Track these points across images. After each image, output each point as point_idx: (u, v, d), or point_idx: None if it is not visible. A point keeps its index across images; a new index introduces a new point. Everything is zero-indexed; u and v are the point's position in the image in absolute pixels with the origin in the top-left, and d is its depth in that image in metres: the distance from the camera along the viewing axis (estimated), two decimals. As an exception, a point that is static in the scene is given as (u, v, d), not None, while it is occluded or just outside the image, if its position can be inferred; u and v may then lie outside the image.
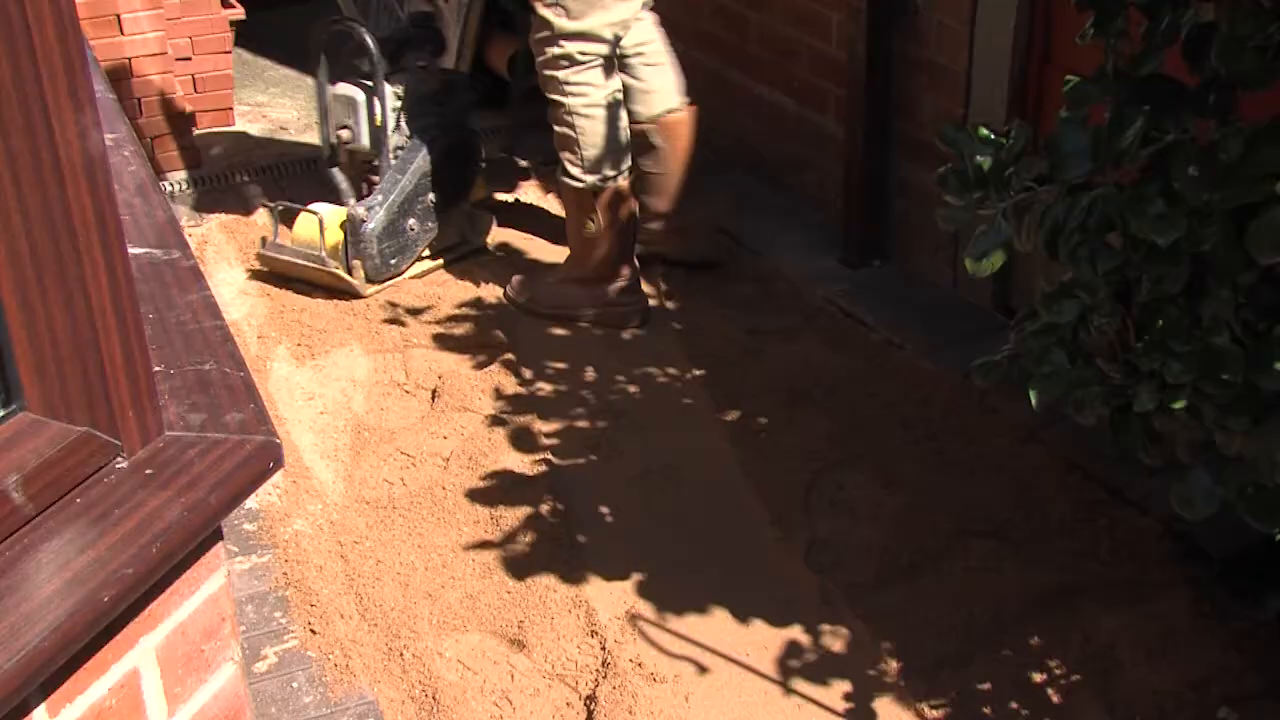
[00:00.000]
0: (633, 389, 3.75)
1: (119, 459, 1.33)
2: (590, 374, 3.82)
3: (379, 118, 4.20)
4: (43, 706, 1.21)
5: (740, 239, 4.42)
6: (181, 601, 1.37)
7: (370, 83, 4.17)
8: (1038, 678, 2.75)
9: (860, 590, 3.01)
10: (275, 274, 4.25)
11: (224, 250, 4.47)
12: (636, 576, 3.08)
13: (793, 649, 2.88)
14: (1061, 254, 2.21)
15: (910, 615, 2.92)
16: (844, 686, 2.79)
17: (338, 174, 4.28)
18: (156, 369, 1.45)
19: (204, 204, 4.75)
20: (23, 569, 1.19)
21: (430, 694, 2.74)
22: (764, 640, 2.91)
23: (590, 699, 2.74)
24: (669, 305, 4.17)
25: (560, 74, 3.82)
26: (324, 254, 4.13)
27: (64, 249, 1.25)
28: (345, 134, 4.22)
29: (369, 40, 4.13)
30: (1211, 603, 2.82)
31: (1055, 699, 2.70)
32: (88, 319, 1.29)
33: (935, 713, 2.71)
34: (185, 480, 1.32)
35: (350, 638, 2.84)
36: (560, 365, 3.84)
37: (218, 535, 1.40)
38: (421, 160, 4.23)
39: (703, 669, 2.83)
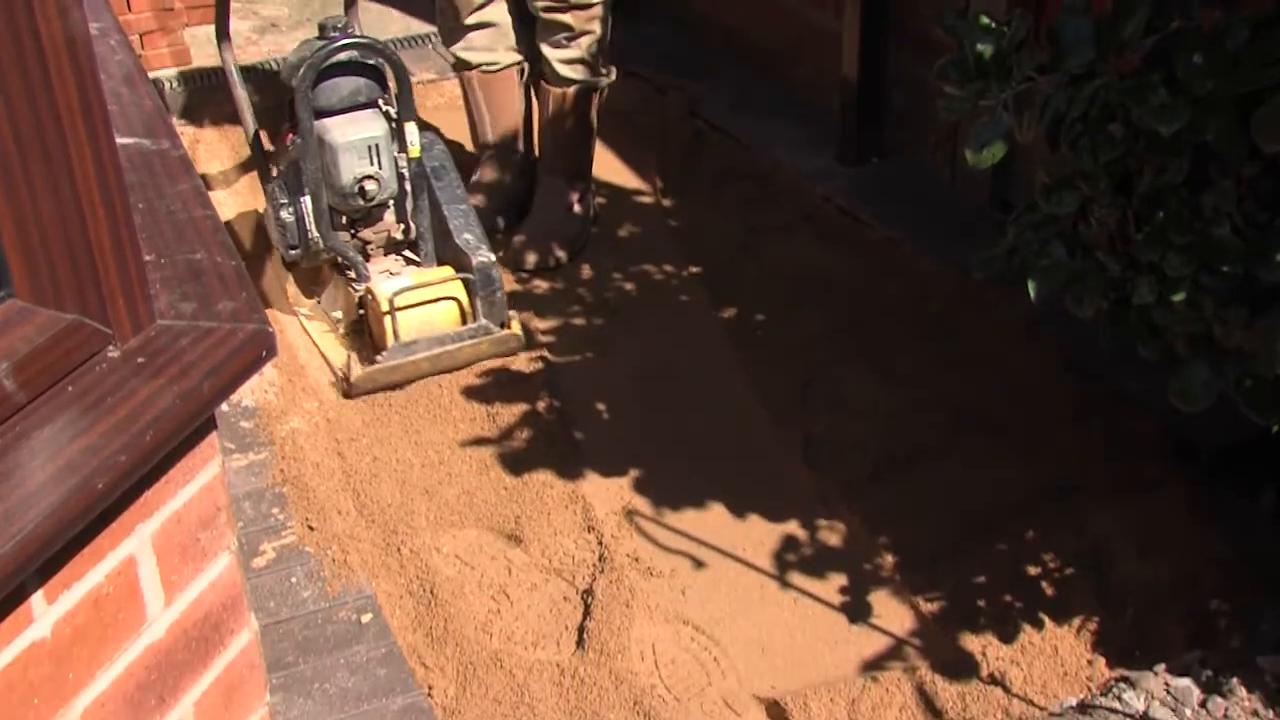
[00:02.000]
0: (629, 287, 3.73)
1: (110, 347, 1.32)
2: (587, 271, 3.80)
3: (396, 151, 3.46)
4: (40, 592, 1.21)
5: (736, 136, 4.38)
6: (176, 490, 1.37)
7: (393, 112, 3.42)
8: (1032, 571, 2.77)
9: (856, 486, 3.02)
10: (392, 387, 3.35)
11: (216, 149, 4.43)
12: (633, 472, 3.09)
13: (789, 544, 2.90)
14: (1062, 145, 2.19)
15: (906, 510, 2.94)
16: (840, 580, 2.81)
17: (346, 245, 3.48)
18: (147, 258, 1.43)
19: (195, 102, 4.70)
20: (15, 456, 1.19)
21: (428, 588, 2.76)
22: (760, 535, 2.92)
23: (587, 593, 2.76)
24: (665, 203, 4.14)
25: None
26: (484, 322, 3.39)
27: (48, 132, 1.23)
28: (372, 186, 3.39)
29: (388, 53, 3.38)
30: (1206, 498, 2.83)
31: (1049, 592, 2.72)
32: (75, 205, 1.27)
33: (931, 606, 2.73)
34: (177, 368, 1.31)
35: (348, 533, 2.86)
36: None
37: (211, 424, 1.40)
38: (454, 177, 3.63)
39: (699, 563, 2.85)
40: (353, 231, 3.51)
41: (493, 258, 3.41)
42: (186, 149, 4.51)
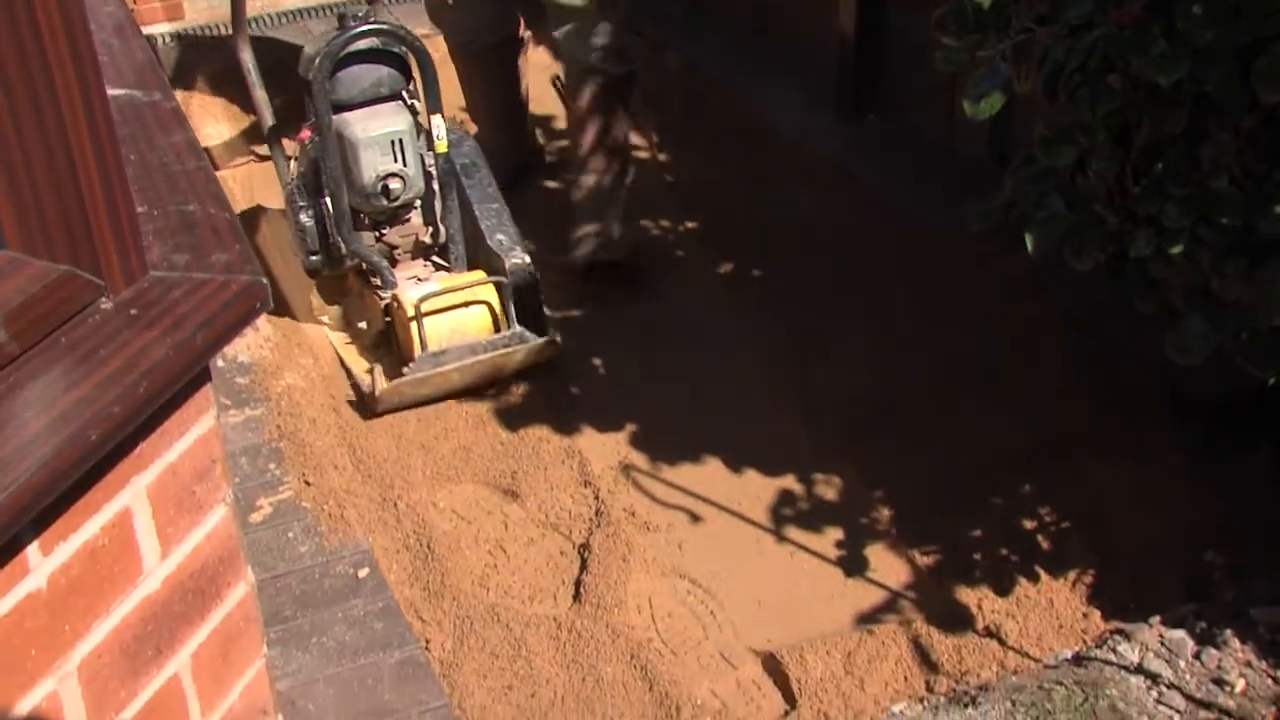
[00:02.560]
0: (626, 242, 3.72)
1: (103, 299, 1.31)
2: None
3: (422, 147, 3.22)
4: (35, 544, 1.21)
5: (733, 93, 4.35)
6: (171, 442, 1.36)
7: (415, 104, 3.24)
8: (1028, 525, 2.78)
9: (853, 440, 3.02)
10: (420, 403, 3.14)
11: (209, 105, 4.39)
12: (629, 427, 3.09)
13: (785, 498, 2.90)
14: (1061, 96, 2.17)
15: (902, 465, 2.94)
16: (836, 534, 2.82)
17: (370, 249, 3.24)
18: (139, 210, 1.42)
19: (189, 59, 4.65)
20: (9, 407, 1.18)
21: (425, 543, 2.76)
22: (757, 490, 2.93)
23: (584, 547, 2.77)
24: (662, 159, 4.13)
25: None
26: (519, 329, 3.15)
27: (38, 82, 1.21)
28: (396, 185, 3.14)
29: (412, 41, 3.15)
30: (1202, 452, 2.83)
31: (1045, 546, 2.73)
32: (66, 156, 1.26)
33: (926, 559, 2.74)
34: (171, 320, 1.30)
35: (345, 488, 2.86)
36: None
37: (206, 376, 1.39)
38: (485, 174, 3.40)
39: (695, 518, 2.86)
40: (378, 235, 3.26)
41: (528, 259, 3.19)
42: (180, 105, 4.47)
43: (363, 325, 3.34)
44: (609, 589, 2.65)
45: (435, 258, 3.35)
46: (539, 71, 4.19)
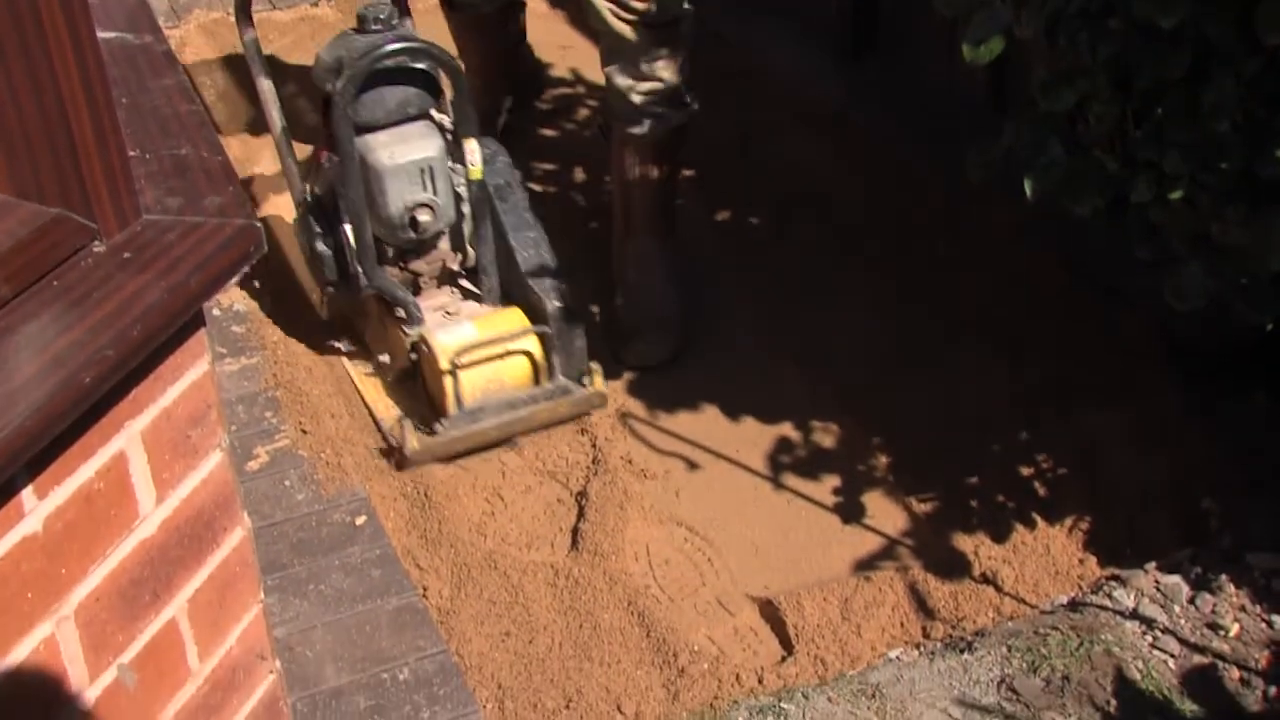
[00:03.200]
0: (622, 190, 3.70)
1: (96, 242, 1.31)
2: (580, 175, 3.77)
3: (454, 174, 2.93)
4: (30, 488, 1.21)
5: (730, 36, 4.31)
6: (166, 387, 1.36)
7: (450, 128, 2.93)
8: (1025, 471, 2.78)
9: (850, 387, 3.02)
10: (452, 458, 2.87)
11: (203, 53, 4.36)
12: (626, 375, 3.08)
13: (782, 445, 2.90)
14: (1061, 39, 2.16)
15: (899, 411, 2.94)
16: (833, 481, 2.82)
17: (394, 284, 2.94)
18: (132, 154, 1.41)
19: (181, 3, 4.62)
20: (1, 351, 1.17)
21: (422, 491, 2.76)
22: (753, 437, 2.93)
23: (581, 495, 2.77)
24: (659, 106, 4.10)
25: None
26: (563, 380, 2.89)
27: (26, 22, 1.20)
28: (426, 217, 2.86)
29: (442, 55, 2.85)
30: (1199, 398, 2.83)
31: (1042, 492, 2.73)
32: (56, 97, 1.25)
33: (923, 506, 2.74)
34: (164, 263, 1.30)
35: (341, 436, 2.85)
36: (550, 166, 3.79)
37: (200, 320, 1.38)
38: (520, 195, 3.07)
39: (693, 465, 2.86)
40: (401, 264, 2.98)
41: (569, 302, 2.89)
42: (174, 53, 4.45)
43: (384, 359, 3.06)
44: (606, 536, 2.66)
45: (464, 282, 3.07)
46: (536, 20, 4.15)
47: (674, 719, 2.30)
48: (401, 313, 2.92)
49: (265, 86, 3.07)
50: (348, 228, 2.86)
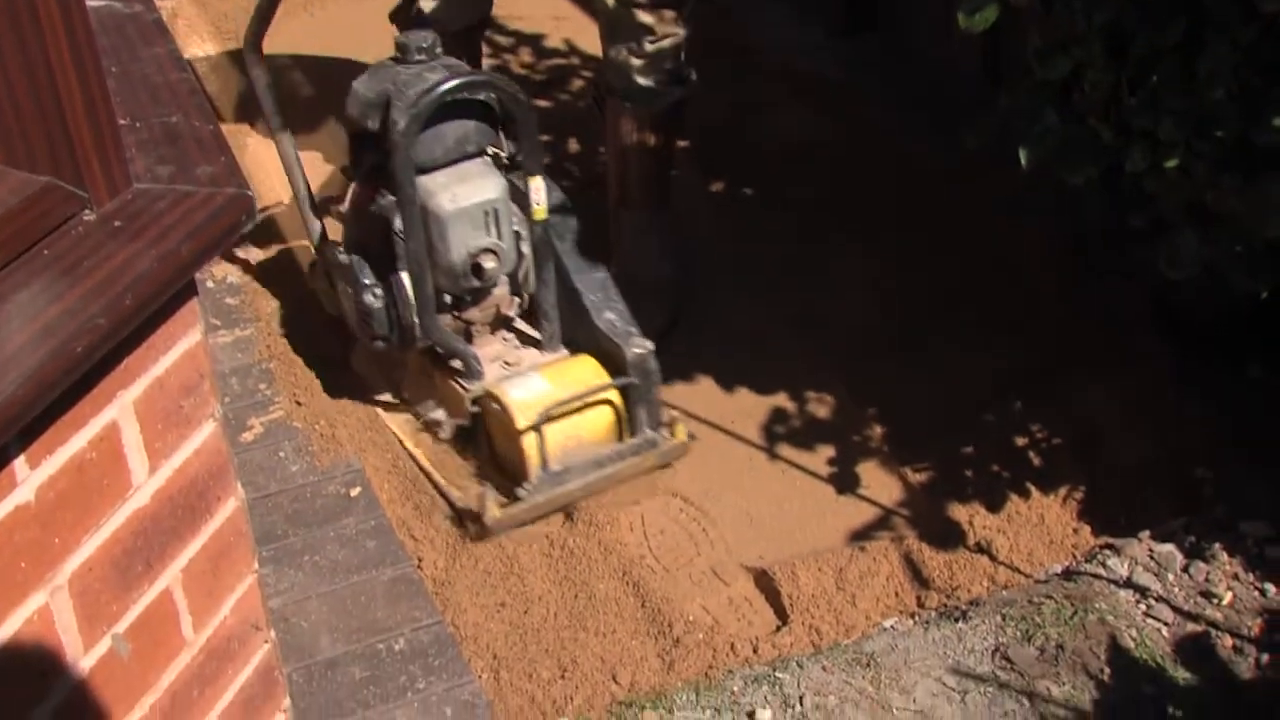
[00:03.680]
0: (616, 161, 3.69)
1: (86, 211, 1.29)
2: (574, 146, 3.76)
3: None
4: (23, 457, 1.20)
5: (724, 9, 4.30)
6: (158, 356, 1.35)
7: (503, 155, 2.73)
8: (1020, 442, 2.78)
9: (846, 360, 3.02)
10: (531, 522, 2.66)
11: (196, 24, 4.34)
12: (621, 347, 3.08)
13: (778, 416, 2.91)
14: (1056, 6, 2.15)
15: (896, 384, 2.94)
16: (828, 452, 2.82)
17: (455, 337, 2.74)
18: (122, 122, 1.40)
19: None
20: (-8, 320, 1.17)
21: (416, 461, 2.76)
22: (748, 408, 2.93)
23: (576, 466, 2.77)
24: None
25: None
26: (649, 434, 2.71)
27: (14, -12, 1.19)
28: (491, 264, 2.65)
29: (502, 86, 2.65)
30: (1193, 368, 2.83)
31: (1037, 462, 2.74)
32: (45, 65, 1.24)
33: (919, 477, 2.74)
34: (156, 232, 1.29)
35: (336, 408, 2.85)
36: (545, 136, 3.77)
37: (192, 290, 1.38)
38: (574, 225, 2.88)
39: (688, 436, 2.85)
40: (455, 313, 2.76)
41: (651, 346, 2.68)
42: (166, 25, 4.42)
43: (437, 416, 2.81)
44: (601, 507, 2.66)
45: (519, 324, 2.88)
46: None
47: (669, 689, 2.31)
48: (459, 365, 2.73)
49: (285, 140, 2.87)
50: (405, 277, 2.65)
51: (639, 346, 2.66)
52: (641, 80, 3.03)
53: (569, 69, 4.10)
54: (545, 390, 2.62)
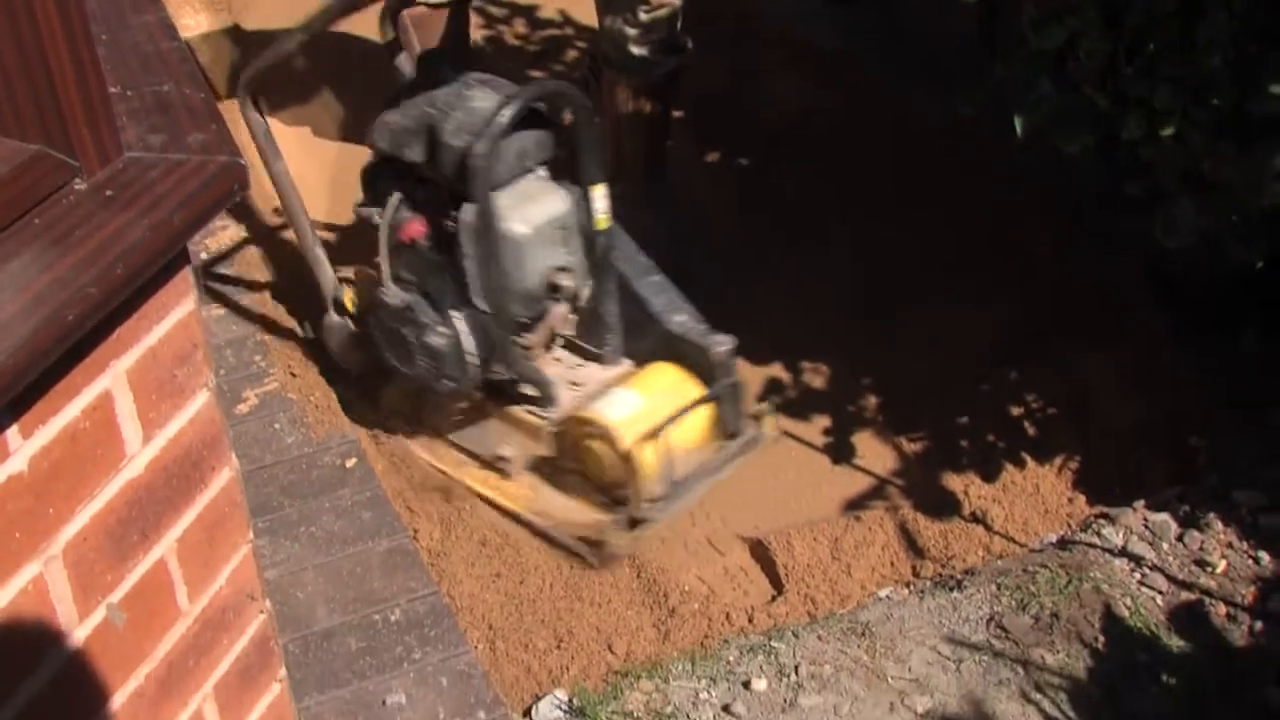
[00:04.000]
0: (611, 131, 3.67)
1: (77, 180, 1.29)
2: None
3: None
4: (15, 427, 1.20)
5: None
6: (151, 326, 1.34)
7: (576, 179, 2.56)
8: (1015, 411, 2.78)
9: (840, 328, 3.01)
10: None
11: (187, -6, 4.31)
12: (616, 317, 3.07)
13: (773, 386, 2.91)
14: (1053, -26, 2.14)
15: (890, 352, 2.94)
16: (824, 422, 2.82)
17: (535, 368, 2.60)
18: (113, 90, 1.39)
19: (163, -55, 4.55)
20: (-17, 289, 1.16)
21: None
22: (745, 379, 2.91)
23: (571, 436, 2.76)
24: (647, 46, 4.06)
25: None
26: (750, 432, 2.61)
27: (3, -46, 1.18)
28: (567, 281, 2.53)
29: (581, 98, 2.53)
30: (1188, 337, 2.83)
31: (1031, 431, 2.74)
32: (34, 33, 1.23)
33: (914, 445, 2.75)
34: (147, 201, 1.28)
35: (330, 380, 2.84)
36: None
37: (184, 259, 1.37)
38: (623, 232, 2.69)
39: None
40: (516, 338, 2.59)
41: (731, 342, 2.57)
42: (156, -8, 4.35)
43: (505, 452, 2.63)
44: (597, 478, 2.65)
45: (574, 339, 2.73)
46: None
47: (665, 658, 2.31)
48: (532, 393, 2.58)
49: (280, 170, 2.72)
50: (470, 309, 2.47)
51: (721, 345, 2.54)
52: (637, 50, 2.99)
53: (563, 40, 4.08)
54: (642, 405, 2.48)
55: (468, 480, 2.65)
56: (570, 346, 2.70)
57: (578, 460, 2.53)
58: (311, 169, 3.27)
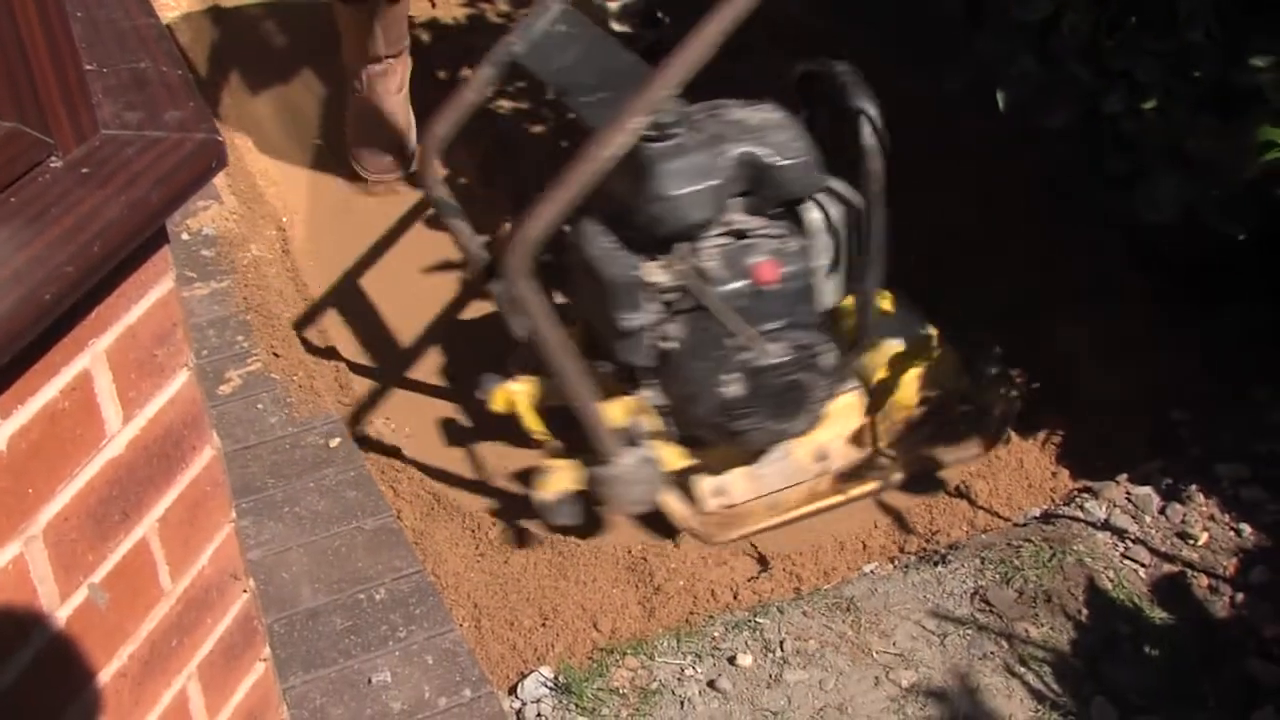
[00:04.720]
0: (594, 109, 3.66)
1: (53, 158, 1.28)
2: (548, 92, 3.72)
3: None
4: (-7, 408, 1.19)
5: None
6: (130, 305, 1.34)
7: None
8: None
9: (824, 305, 3.00)
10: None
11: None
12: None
13: (756, 363, 2.90)
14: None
15: (873, 328, 2.93)
16: (807, 398, 2.82)
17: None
18: (88, 67, 1.38)
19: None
20: (-41, 269, 1.15)
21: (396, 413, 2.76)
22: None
23: (556, 414, 2.76)
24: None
25: None
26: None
27: (-26, -71, 1.17)
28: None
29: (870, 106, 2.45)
30: (1170, 311, 2.84)
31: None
32: (6, 9, 1.22)
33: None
34: (124, 178, 1.27)
35: (314, 359, 2.84)
36: (519, 84, 3.74)
37: (163, 237, 1.36)
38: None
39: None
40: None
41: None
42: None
43: (823, 462, 2.60)
44: (581, 455, 2.65)
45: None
46: None
47: (650, 635, 2.31)
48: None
49: (461, 229, 2.52)
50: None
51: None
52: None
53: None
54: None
55: (798, 513, 2.55)
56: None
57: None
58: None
